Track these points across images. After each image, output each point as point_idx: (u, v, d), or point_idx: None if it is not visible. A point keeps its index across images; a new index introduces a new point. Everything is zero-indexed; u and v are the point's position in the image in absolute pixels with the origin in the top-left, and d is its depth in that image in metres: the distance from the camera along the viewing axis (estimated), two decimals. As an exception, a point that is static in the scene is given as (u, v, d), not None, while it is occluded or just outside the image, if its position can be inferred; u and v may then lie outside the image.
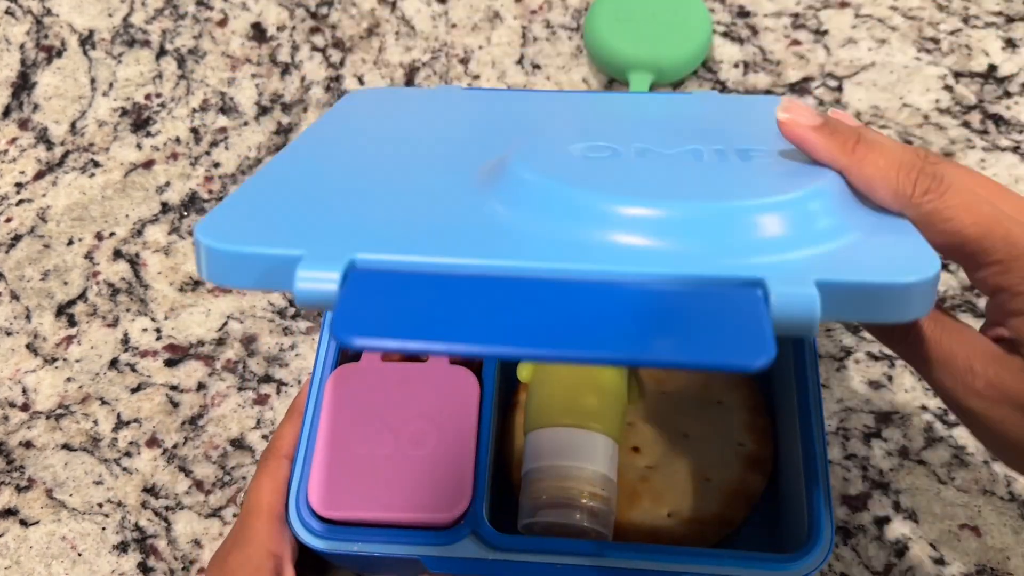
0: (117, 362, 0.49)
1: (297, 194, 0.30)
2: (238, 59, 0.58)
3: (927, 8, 0.57)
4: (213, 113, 0.56)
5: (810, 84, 0.55)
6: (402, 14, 0.59)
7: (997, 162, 0.51)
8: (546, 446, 0.38)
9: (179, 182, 0.54)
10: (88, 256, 0.52)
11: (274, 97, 0.56)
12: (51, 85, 0.57)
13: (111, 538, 0.44)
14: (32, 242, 0.52)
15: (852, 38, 0.56)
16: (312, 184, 0.31)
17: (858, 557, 0.42)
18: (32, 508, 0.45)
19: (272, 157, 0.32)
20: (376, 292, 0.24)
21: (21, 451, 0.46)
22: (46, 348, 0.49)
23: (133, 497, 0.45)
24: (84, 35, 0.59)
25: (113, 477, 0.45)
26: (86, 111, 0.56)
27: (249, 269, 0.26)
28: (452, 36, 0.58)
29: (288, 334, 0.49)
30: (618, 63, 0.54)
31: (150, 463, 0.46)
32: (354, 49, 0.58)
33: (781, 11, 0.58)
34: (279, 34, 0.59)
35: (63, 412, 0.47)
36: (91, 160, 0.55)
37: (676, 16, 0.54)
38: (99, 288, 0.51)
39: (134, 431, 0.47)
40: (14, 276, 0.51)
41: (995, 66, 0.55)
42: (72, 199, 0.53)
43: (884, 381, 0.46)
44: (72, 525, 0.44)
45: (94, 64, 0.58)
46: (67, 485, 0.45)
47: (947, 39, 0.56)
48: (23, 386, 0.48)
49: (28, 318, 0.50)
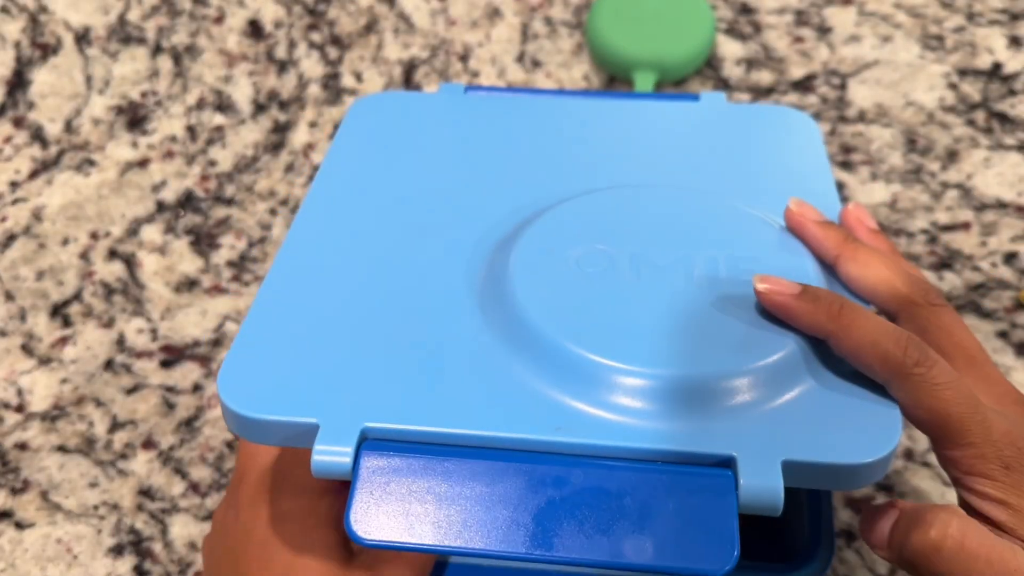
0: (112, 363, 0.48)
1: (306, 336, 0.32)
2: (234, 56, 0.57)
3: (931, 5, 0.57)
4: (209, 111, 0.55)
5: (813, 82, 0.54)
6: (401, 10, 0.59)
7: (1002, 160, 0.51)
8: None
9: (175, 181, 0.53)
10: (83, 256, 0.51)
11: (271, 94, 0.56)
12: (46, 83, 0.57)
13: (106, 541, 0.44)
14: (27, 241, 0.52)
15: (856, 35, 0.56)
16: (316, 321, 0.32)
17: (862, 560, 0.42)
18: (27, 510, 0.44)
19: (269, 273, 0.34)
20: (386, 479, 0.27)
21: (16, 453, 0.46)
22: (41, 349, 0.49)
23: (129, 499, 0.44)
24: (80, 32, 0.59)
25: (108, 479, 0.45)
26: (81, 109, 0.56)
27: (272, 433, 0.29)
28: (451, 33, 0.58)
29: (285, 334, 0.48)
30: (620, 62, 0.53)
31: (146, 465, 0.45)
32: (352, 46, 0.57)
33: (784, 8, 0.57)
34: (276, 31, 0.58)
35: (58, 413, 0.47)
36: (86, 159, 0.54)
37: (679, 14, 0.53)
38: (94, 288, 0.50)
39: (129, 433, 0.46)
40: (8, 276, 0.51)
41: (1000, 64, 0.54)
42: (67, 198, 0.53)
43: (888, 382, 0.45)
44: (67, 528, 0.44)
45: (89, 62, 0.58)
46: (62, 487, 0.45)
47: (951, 36, 0.55)
48: (18, 387, 0.48)
49: (23, 318, 0.49)
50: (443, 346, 0.30)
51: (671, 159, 0.39)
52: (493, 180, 0.38)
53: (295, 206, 0.52)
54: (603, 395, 0.28)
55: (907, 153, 0.52)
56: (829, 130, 0.53)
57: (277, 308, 0.32)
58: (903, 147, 0.52)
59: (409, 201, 0.37)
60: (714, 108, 0.42)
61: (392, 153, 0.40)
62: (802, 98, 0.54)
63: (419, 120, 0.42)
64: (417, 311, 0.32)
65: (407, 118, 0.42)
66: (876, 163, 0.51)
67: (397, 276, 0.34)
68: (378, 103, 0.43)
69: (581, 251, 0.33)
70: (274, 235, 0.51)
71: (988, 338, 0.46)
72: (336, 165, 0.39)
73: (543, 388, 0.29)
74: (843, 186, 0.51)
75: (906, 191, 0.50)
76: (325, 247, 0.35)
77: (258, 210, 0.52)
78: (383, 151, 0.40)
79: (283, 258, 0.34)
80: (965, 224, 0.49)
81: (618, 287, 0.32)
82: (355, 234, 0.36)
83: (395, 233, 0.36)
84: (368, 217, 0.36)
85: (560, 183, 0.37)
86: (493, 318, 0.31)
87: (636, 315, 0.31)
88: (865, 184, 0.51)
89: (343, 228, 0.36)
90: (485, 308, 0.32)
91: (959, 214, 0.50)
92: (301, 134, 0.54)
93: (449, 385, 0.29)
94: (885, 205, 0.50)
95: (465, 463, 0.27)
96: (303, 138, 0.54)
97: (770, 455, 0.26)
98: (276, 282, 0.33)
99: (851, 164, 0.51)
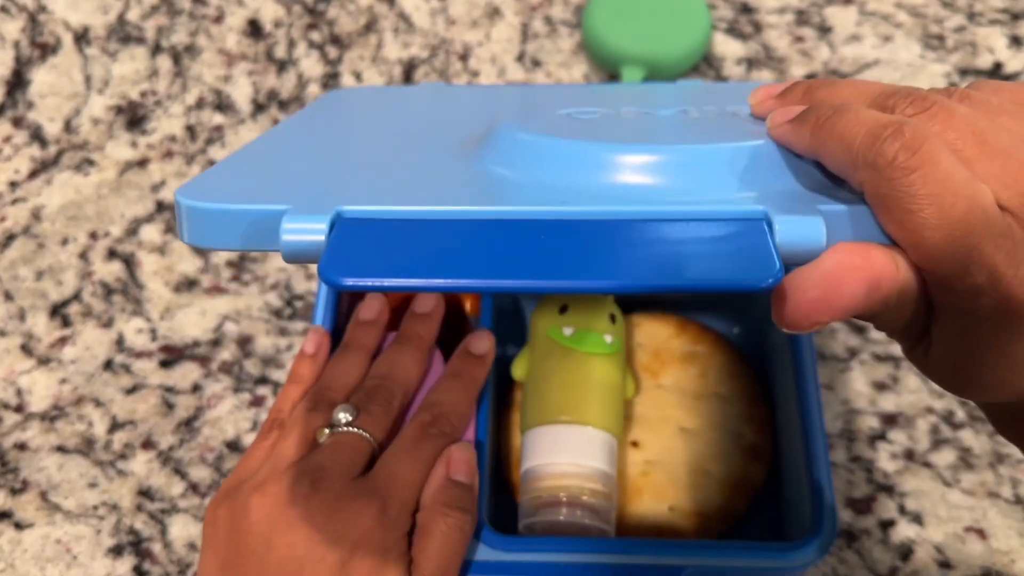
0: (112, 363, 0.48)
1: (282, 160, 0.30)
2: (234, 56, 0.57)
3: (932, 5, 0.56)
4: (209, 110, 0.55)
5: (813, 81, 0.54)
6: (400, 10, 0.58)
7: (1003, 160, 0.51)
8: (544, 444, 0.37)
9: (174, 180, 0.53)
10: (82, 256, 0.51)
11: (270, 94, 0.56)
12: (45, 83, 0.57)
13: (106, 541, 0.43)
14: (26, 241, 0.52)
15: (856, 35, 0.56)
16: (297, 152, 0.31)
17: (863, 560, 0.41)
18: (26, 511, 0.44)
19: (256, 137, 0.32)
20: (365, 237, 0.23)
21: (15, 453, 0.46)
22: (40, 349, 0.48)
23: (128, 500, 0.44)
24: (79, 32, 0.59)
25: (108, 479, 0.45)
26: (81, 109, 0.56)
27: (232, 228, 0.25)
28: (451, 32, 0.58)
29: (284, 335, 0.48)
30: (614, 57, 0.53)
31: (145, 465, 0.45)
32: (352, 45, 0.57)
33: (785, 7, 0.57)
34: (275, 30, 0.58)
35: (57, 414, 0.47)
36: (85, 158, 0.54)
37: (674, 12, 0.53)
38: (93, 288, 0.50)
39: (129, 433, 0.46)
40: (8, 276, 0.51)
41: (1000, 63, 0.54)
42: (66, 198, 0.53)
43: (889, 383, 0.45)
44: (67, 528, 0.44)
45: (89, 61, 0.57)
46: (61, 487, 0.45)
47: (952, 36, 0.55)
48: (17, 387, 0.48)
49: (22, 318, 0.49)
50: (428, 162, 0.28)
51: (653, 94, 0.38)
52: (473, 113, 0.36)
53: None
54: (614, 176, 0.25)
55: (908, 153, 0.52)
56: (829, 130, 0.53)
57: (253, 153, 0.30)
58: (904, 147, 0.52)
59: (395, 117, 0.37)
60: (693, 86, 0.42)
61: (370, 107, 0.39)
62: (802, 97, 0.54)
63: (394, 97, 0.42)
64: (403, 154, 0.30)
65: (380, 97, 0.42)
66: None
67: (384, 138, 0.32)
68: (350, 91, 0.43)
69: (573, 110, 0.31)
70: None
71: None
72: (309, 111, 0.38)
73: (546, 178, 0.26)
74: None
75: (907, 191, 0.50)
76: (307, 126, 0.34)
77: (258, 210, 0.52)
78: (359, 107, 0.39)
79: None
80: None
81: (618, 123, 0.30)
82: (339, 123, 0.35)
83: (381, 127, 0.35)
84: (352, 123, 0.36)
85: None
86: (487, 149, 0.28)
87: (639, 129, 0.29)
88: (866, 184, 0.51)
89: (328, 122, 0.35)
90: (475, 150, 0.29)
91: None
92: (301, 134, 0.54)
93: (430, 178, 0.26)
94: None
95: (461, 225, 0.23)
96: (303, 138, 0.54)
97: (807, 206, 0.23)
98: (256, 143, 0.31)
99: (851, 164, 0.51)
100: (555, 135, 0.27)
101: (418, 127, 0.36)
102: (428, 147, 0.31)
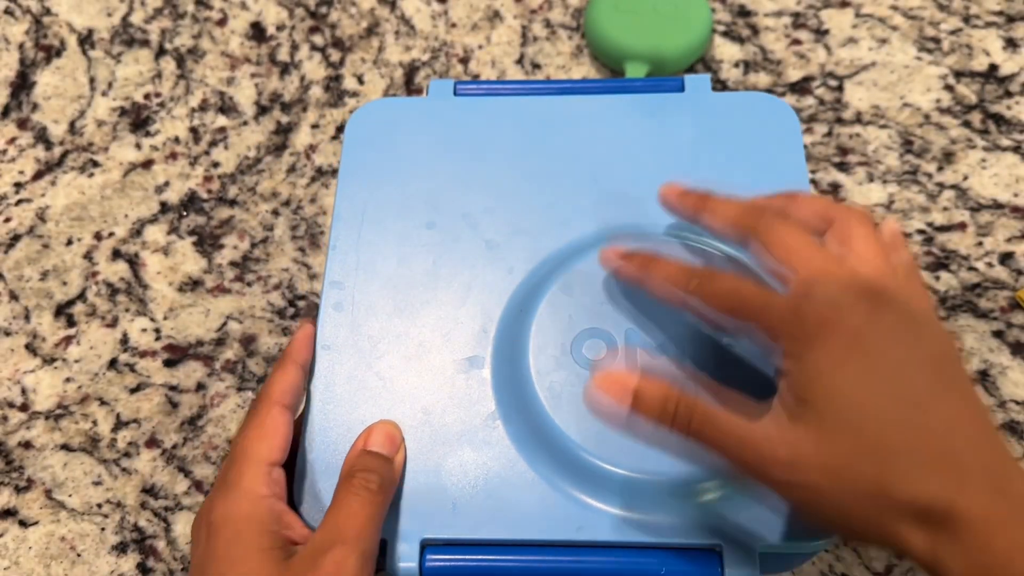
0: (116, 362, 0.48)
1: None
2: (237, 58, 0.58)
3: (928, 8, 0.57)
4: (212, 113, 0.56)
5: (810, 84, 0.55)
6: (402, 13, 0.59)
7: (998, 162, 0.51)
8: None
9: (178, 182, 0.54)
10: (87, 256, 0.52)
11: (273, 96, 0.56)
12: (50, 85, 0.57)
13: (110, 539, 0.44)
14: (31, 242, 0.52)
15: (853, 37, 0.56)
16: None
17: (859, 558, 0.42)
18: (31, 508, 0.45)
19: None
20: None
21: (20, 451, 0.46)
22: (45, 348, 0.49)
23: (132, 498, 0.45)
24: (83, 35, 0.59)
25: (112, 477, 0.45)
26: (85, 111, 0.56)
27: None
28: (452, 35, 0.58)
29: (287, 334, 0.49)
30: (616, 53, 0.54)
31: (149, 463, 0.46)
32: (353, 48, 0.58)
33: (782, 10, 0.57)
34: (278, 33, 0.59)
35: (62, 412, 0.47)
36: (90, 160, 0.55)
37: (676, 9, 0.54)
38: (98, 288, 0.51)
39: (133, 431, 0.47)
40: (13, 276, 0.51)
41: (996, 66, 0.55)
42: (71, 199, 0.53)
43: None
44: (71, 526, 0.44)
45: (93, 64, 0.58)
46: (66, 485, 0.45)
47: (948, 39, 0.56)
48: (22, 386, 0.48)
49: (27, 318, 0.50)
50: (477, 464, 0.36)
51: (652, 153, 0.42)
52: (492, 193, 0.41)
53: (297, 207, 0.52)
54: (611, 496, 0.34)
55: (903, 154, 0.52)
56: (826, 131, 0.53)
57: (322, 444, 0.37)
58: (899, 148, 0.52)
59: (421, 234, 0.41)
60: (696, 97, 0.44)
61: (394, 176, 0.43)
62: (799, 100, 0.54)
63: (413, 134, 0.44)
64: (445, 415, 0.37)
65: (401, 131, 0.44)
66: (873, 164, 0.52)
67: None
68: (373, 113, 0.45)
69: (588, 345, 0.37)
70: (276, 235, 0.52)
71: (984, 338, 0.47)
72: (348, 186, 0.43)
73: (565, 489, 0.35)
74: (839, 187, 0.51)
75: (902, 192, 0.51)
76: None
77: (261, 211, 0.52)
78: (386, 180, 0.43)
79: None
80: (961, 225, 0.50)
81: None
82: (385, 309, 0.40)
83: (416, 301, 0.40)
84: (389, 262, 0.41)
85: (554, 183, 0.42)
86: (519, 430, 0.36)
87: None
88: (862, 185, 0.51)
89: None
90: (508, 419, 0.36)
91: (955, 215, 0.50)
92: (303, 136, 0.55)
93: (488, 500, 0.35)
94: (882, 206, 0.51)
95: (510, 556, 0.34)
96: (305, 140, 0.55)
97: (750, 546, 0.33)
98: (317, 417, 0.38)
99: (848, 165, 0.52)
100: (579, 447, 0.35)
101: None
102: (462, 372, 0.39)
